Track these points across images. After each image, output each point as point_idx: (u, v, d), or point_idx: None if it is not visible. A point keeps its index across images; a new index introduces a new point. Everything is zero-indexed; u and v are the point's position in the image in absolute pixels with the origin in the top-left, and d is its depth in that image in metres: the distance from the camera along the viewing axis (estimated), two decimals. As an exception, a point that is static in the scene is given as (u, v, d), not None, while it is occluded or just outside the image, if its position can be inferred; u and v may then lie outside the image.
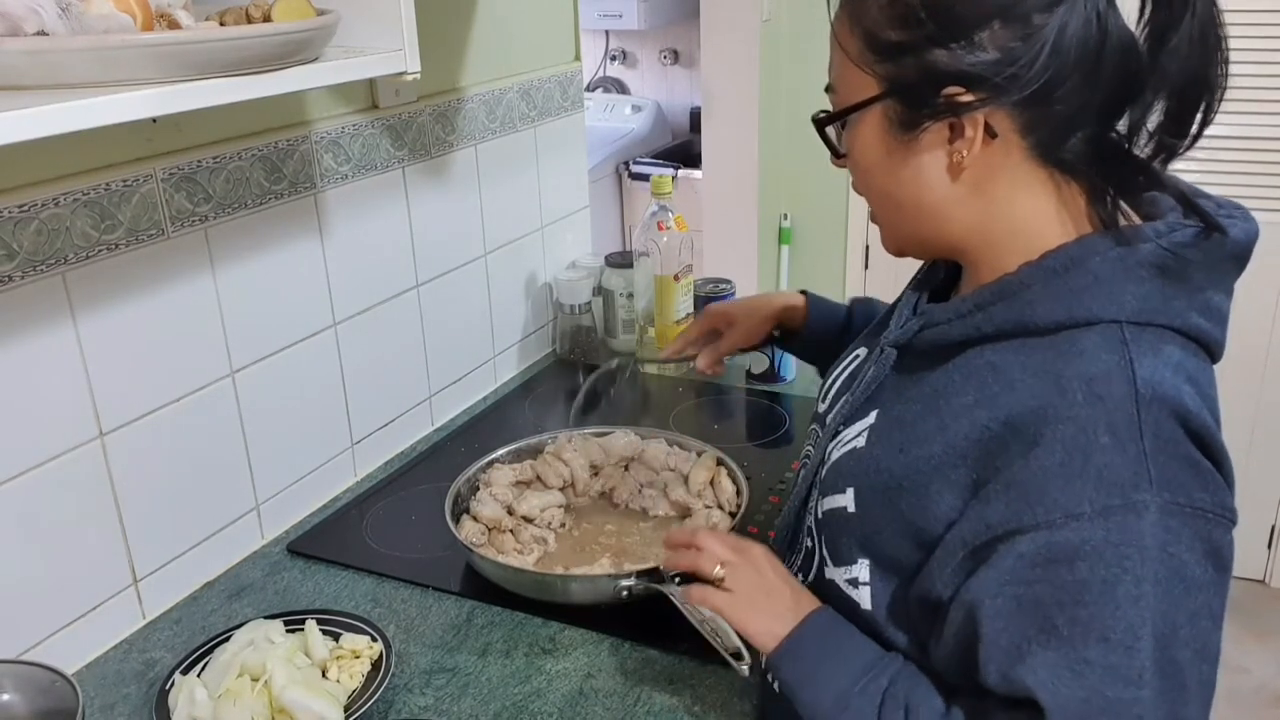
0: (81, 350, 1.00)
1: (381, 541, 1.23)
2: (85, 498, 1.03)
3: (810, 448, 0.95)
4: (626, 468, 1.29)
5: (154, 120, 0.97)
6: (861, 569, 0.80)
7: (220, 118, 1.11)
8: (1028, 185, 0.75)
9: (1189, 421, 0.68)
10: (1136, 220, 0.76)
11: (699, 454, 1.27)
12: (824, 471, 0.87)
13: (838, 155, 0.83)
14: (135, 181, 1.03)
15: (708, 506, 1.20)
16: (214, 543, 1.18)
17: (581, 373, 1.68)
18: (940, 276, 0.90)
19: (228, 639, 1.00)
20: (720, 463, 1.25)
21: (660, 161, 3.42)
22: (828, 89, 0.82)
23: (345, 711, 0.92)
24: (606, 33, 3.72)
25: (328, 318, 1.30)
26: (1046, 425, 0.68)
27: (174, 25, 0.81)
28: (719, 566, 0.88)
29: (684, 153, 3.54)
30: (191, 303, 1.11)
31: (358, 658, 0.99)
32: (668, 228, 1.56)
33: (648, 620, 1.05)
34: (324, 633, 1.01)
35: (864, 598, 0.80)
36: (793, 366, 1.61)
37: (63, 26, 0.74)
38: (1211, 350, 0.74)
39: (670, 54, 3.73)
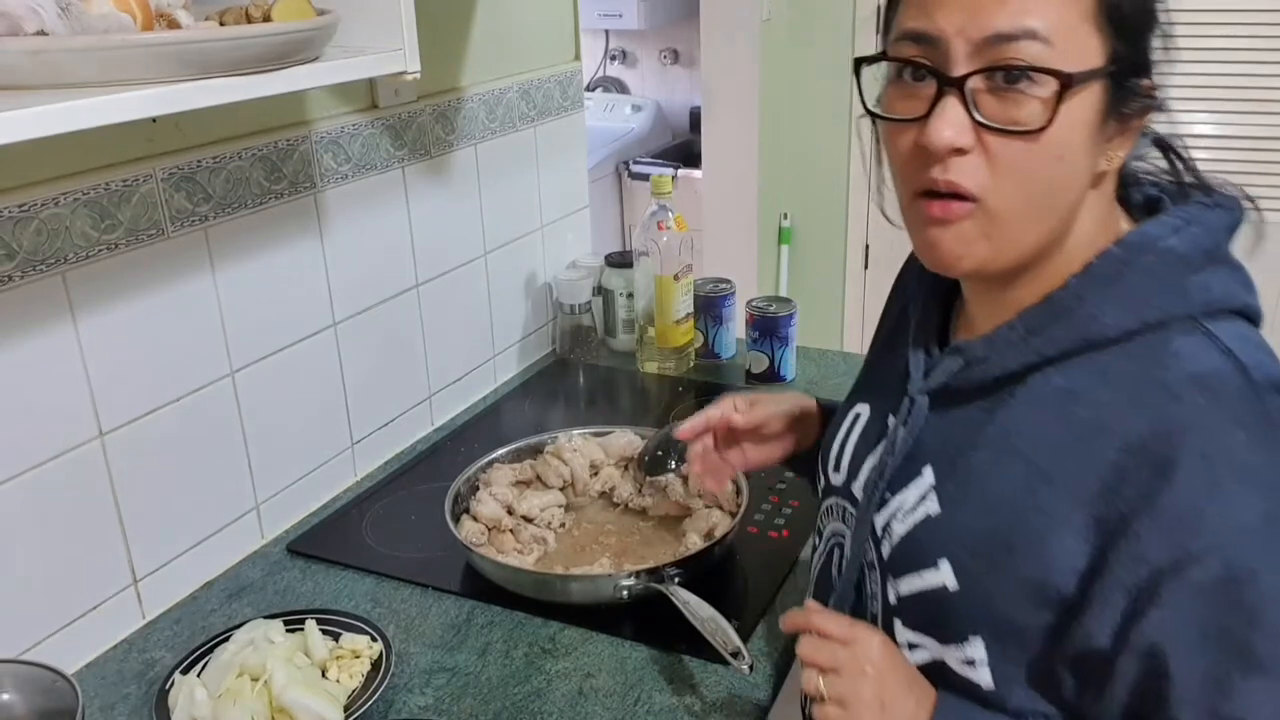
0: (81, 350, 1.00)
1: (381, 541, 1.23)
2: (85, 497, 1.03)
3: (839, 525, 0.85)
4: (626, 468, 1.29)
5: (154, 120, 0.97)
6: (976, 646, 0.71)
7: (220, 117, 1.11)
8: (1111, 189, 0.72)
9: None
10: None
11: (699, 454, 1.27)
12: (885, 549, 0.77)
13: (1045, 124, 0.64)
14: (135, 181, 1.03)
15: (708, 506, 1.20)
16: (214, 542, 1.18)
17: (581, 373, 1.68)
18: (941, 317, 0.82)
19: (227, 639, 1.00)
20: (720, 462, 1.25)
21: (660, 161, 3.43)
22: (999, 38, 0.64)
23: (345, 711, 0.92)
24: (606, 32, 3.72)
25: (327, 317, 1.29)
26: (1174, 439, 0.63)
27: (174, 25, 0.81)
28: (820, 679, 0.74)
29: (684, 152, 3.54)
30: (191, 302, 1.11)
31: (357, 657, 0.99)
32: (667, 227, 1.56)
33: (648, 620, 1.05)
34: (324, 632, 1.01)
35: (984, 677, 0.71)
36: (793, 366, 1.61)
37: (63, 26, 0.74)
38: (1256, 323, 0.72)
39: (670, 53, 3.73)
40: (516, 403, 1.59)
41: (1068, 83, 0.63)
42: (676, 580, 1.05)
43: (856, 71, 0.72)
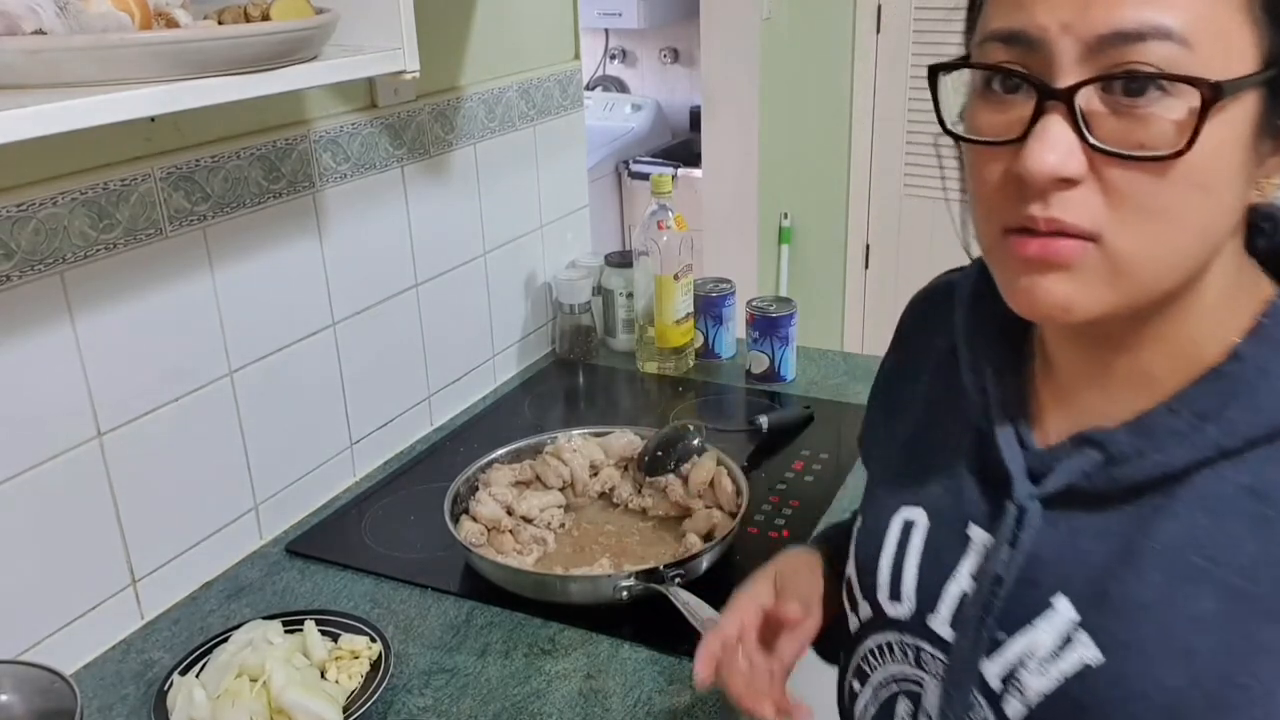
0: (80, 350, 1.00)
1: (380, 542, 1.23)
2: (83, 498, 1.02)
3: (905, 669, 0.67)
4: (626, 468, 1.28)
5: (152, 119, 0.97)
6: None
7: (218, 117, 1.11)
8: (1243, 228, 0.56)
9: None
10: None
11: (699, 454, 1.27)
12: (1015, 709, 0.59)
13: (1184, 148, 0.49)
14: (133, 181, 1.02)
15: (708, 507, 1.20)
16: (213, 543, 1.17)
17: (581, 373, 1.68)
18: (1024, 389, 0.65)
19: (226, 639, 1.00)
20: (720, 463, 1.25)
21: (660, 160, 3.43)
22: (1120, 38, 0.48)
23: (344, 712, 0.92)
24: (606, 31, 3.72)
25: (326, 317, 1.29)
26: None
27: (172, 24, 0.81)
28: None
29: (684, 152, 3.54)
30: (190, 302, 1.11)
31: (356, 658, 0.99)
32: (667, 227, 1.56)
33: (647, 620, 1.05)
34: (323, 633, 1.01)
35: None
36: (793, 366, 1.61)
37: (61, 25, 0.74)
38: None
39: (670, 53, 3.73)
40: (516, 403, 1.59)
41: (1214, 95, 0.48)
42: (676, 581, 1.05)
43: (932, 81, 0.58)
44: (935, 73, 0.57)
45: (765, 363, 1.59)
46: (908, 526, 0.68)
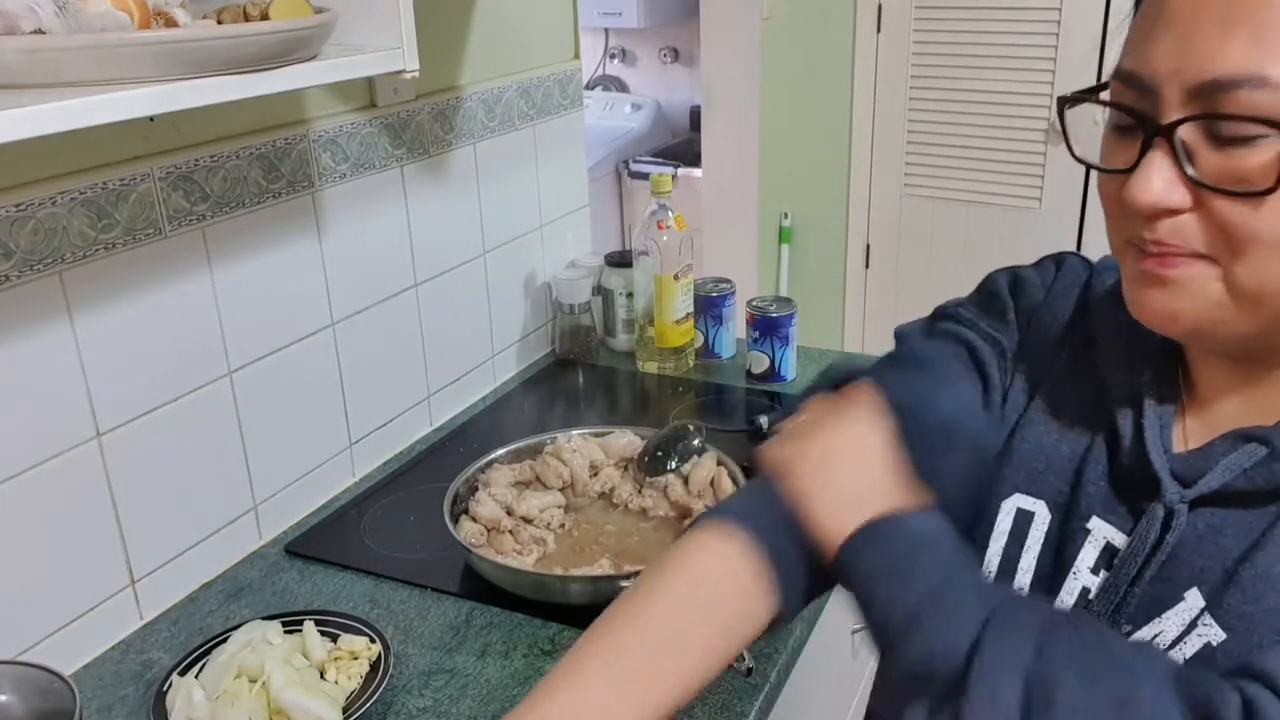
0: (79, 350, 1.00)
1: (380, 542, 1.23)
2: (82, 498, 1.02)
3: None
4: (626, 468, 1.28)
5: (151, 119, 0.97)
6: None
7: (218, 116, 1.11)
8: None
9: None
10: None
11: (700, 454, 1.27)
12: None
13: (1269, 187, 0.52)
14: (132, 180, 1.02)
15: (708, 507, 1.19)
16: (212, 543, 1.17)
17: (581, 373, 1.68)
18: (1176, 387, 0.65)
19: (225, 640, 1.00)
20: (720, 463, 1.24)
21: (660, 160, 3.42)
22: (1215, 87, 0.52)
23: (344, 713, 0.92)
24: (606, 31, 3.72)
25: (325, 317, 1.29)
26: None
27: (171, 23, 0.81)
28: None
29: (684, 151, 3.54)
30: (189, 302, 1.10)
31: (356, 659, 0.99)
32: (667, 227, 1.56)
33: None
34: (322, 634, 1.01)
35: None
36: (793, 366, 1.61)
37: (60, 25, 0.74)
38: None
39: (670, 52, 3.73)
40: (516, 403, 1.59)
41: None
42: (676, 581, 1.04)
43: (1061, 112, 0.62)
44: (1062, 105, 0.62)
45: (765, 363, 1.59)
46: (1024, 517, 0.67)
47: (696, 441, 1.25)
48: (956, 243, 3.05)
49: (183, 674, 0.97)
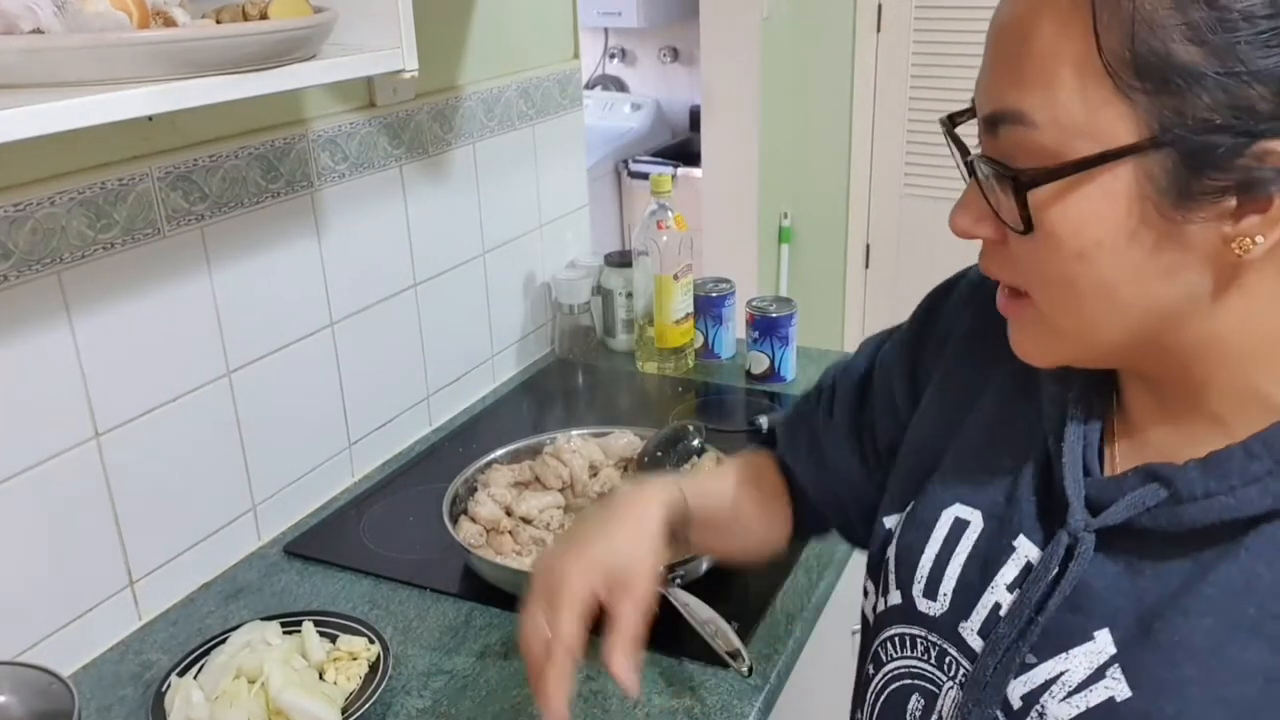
0: (77, 350, 1.00)
1: (379, 543, 1.23)
2: (81, 498, 1.02)
3: (924, 667, 0.66)
4: (625, 468, 1.28)
5: (150, 119, 0.97)
6: None
7: (216, 116, 1.10)
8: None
9: None
10: None
11: (699, 454, 1.27)
12: None
13: (1023, 229, 0.53)
14: (131, 180, 1.02)
15: (707, 507, 1.19)
16: (210, 544, 1.17)
17: (580, 373, 1.68)
18: (1105, 412, 0.63)
19: (224, 641, 0.99)
20: (720, 463, 1.24)
21: (659, 160, 3.42)
22: (995, 120, 0.53)
23: (343, 713, 0.92)
24: (605, 30, 3.72)
25: (325, 317, 1.29)
26: None
27: (170, 23, 0.80)
28: None
29: (683, 151, 3.54)
30: (187, 302, 1.10)
31: (355, 659, 0.99)
32: (667, 227, 1.56)
33: (647, 622, 1.04)
34: (321, 634, 1.01)
35: None
36: (793, 366, 1.60)
37: (59, 24, 0.74)
38: None
39: (669, 52, 3.72)
40: (515, 403, 1.59)
41: (1023, 182, 0.51)
42: (676, 582, 1.04)
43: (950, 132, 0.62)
44: (943, 124, 0.61)
45: (765, 363, 1.59)
46: (960, 525, 0.66)
47: (696, 442, 1.25)
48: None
49: (181, 675, 0.97)
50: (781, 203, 3.24)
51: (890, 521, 0.72)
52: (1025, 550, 0.62)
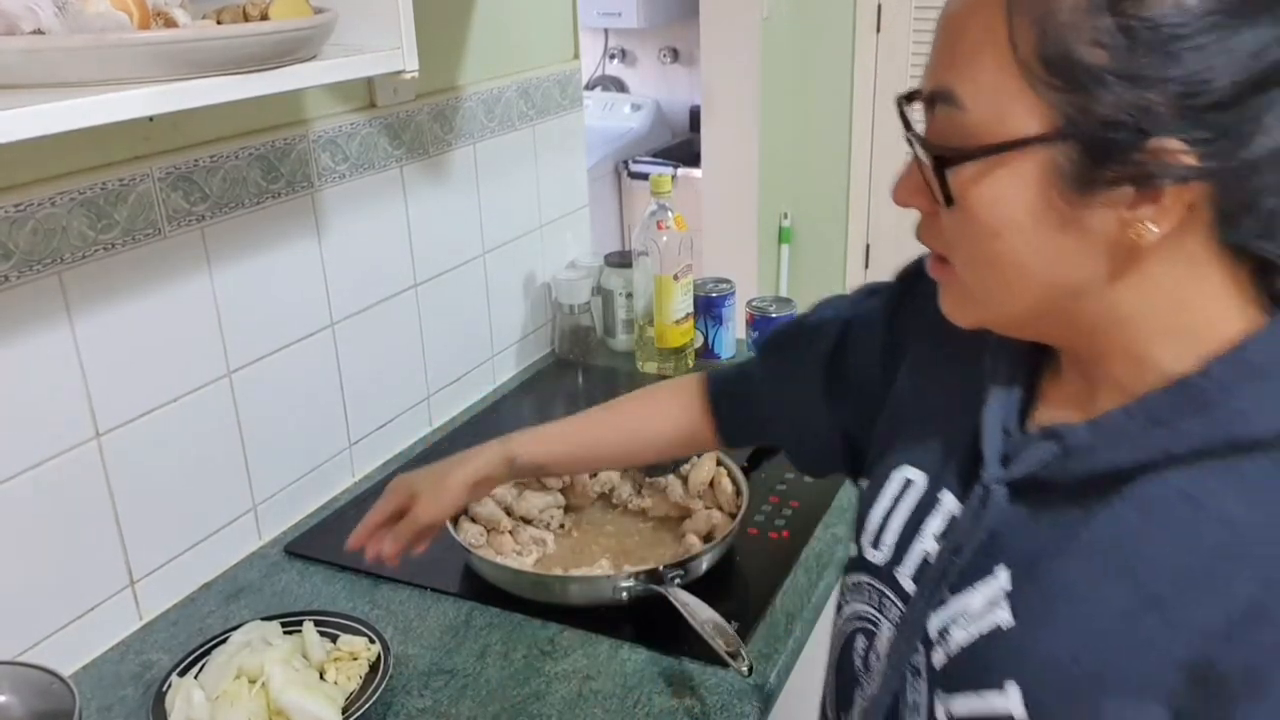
0: (78, 350, 1.00)
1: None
2: (82, 498, 1.02)
3: (868, 610, 0.74)
4: (625, 469, 1.28)
5: (151, 119, 0.97)
6: None
7: (217, 116, 1.10)
8: (1198, 264, 0.57)
9: None
10: None
11: (698, 454, 1.27)
12: (937, 657, 0.66)
13: (943, 202, 0.59)
14: (132, 181, 1.02)
15: (708, 508, 1.20)
16: (211, 544, 1.17)
17: (580, 373, 1.68)
18: (1025, 380, 0.69)
19: (224, 640, 1.00)
20: (720, 463, 1.24)
21: (659, 160, 3.42)
22: (933, 98, 0.59)
23: (343, 713, 0.92)
24: (606, 31, 3.72)
25: (325, 317, 1.29)
26: None
27: (171, 24, 0.81)
28: None
29: (683, 152, 3.54)
30: (188, 303, 1.10)
31: (355, 659, 0.99)
32: (667, 227, 1.56)
33: (647, 621, 1.05)
34: (321, 634, 1.01)
35: None
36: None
37: (59, 25, 0.74)
38: None
39: (670, 52, 3.72)
40: (515, 403, 1.59)
41: (942, 160, 0.57)
42: (676, 582, 1.04)
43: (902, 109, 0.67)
44: (899, 103, 0.66)
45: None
46: (906, 484, 0.73)
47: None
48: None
49: (182, 674, 0.97)
50: (781, 203, 3.24)
51: (864, 484, 0.80)
52: (949, 504, 0.69)
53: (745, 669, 0.94)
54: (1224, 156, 0.53)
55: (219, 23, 0.83)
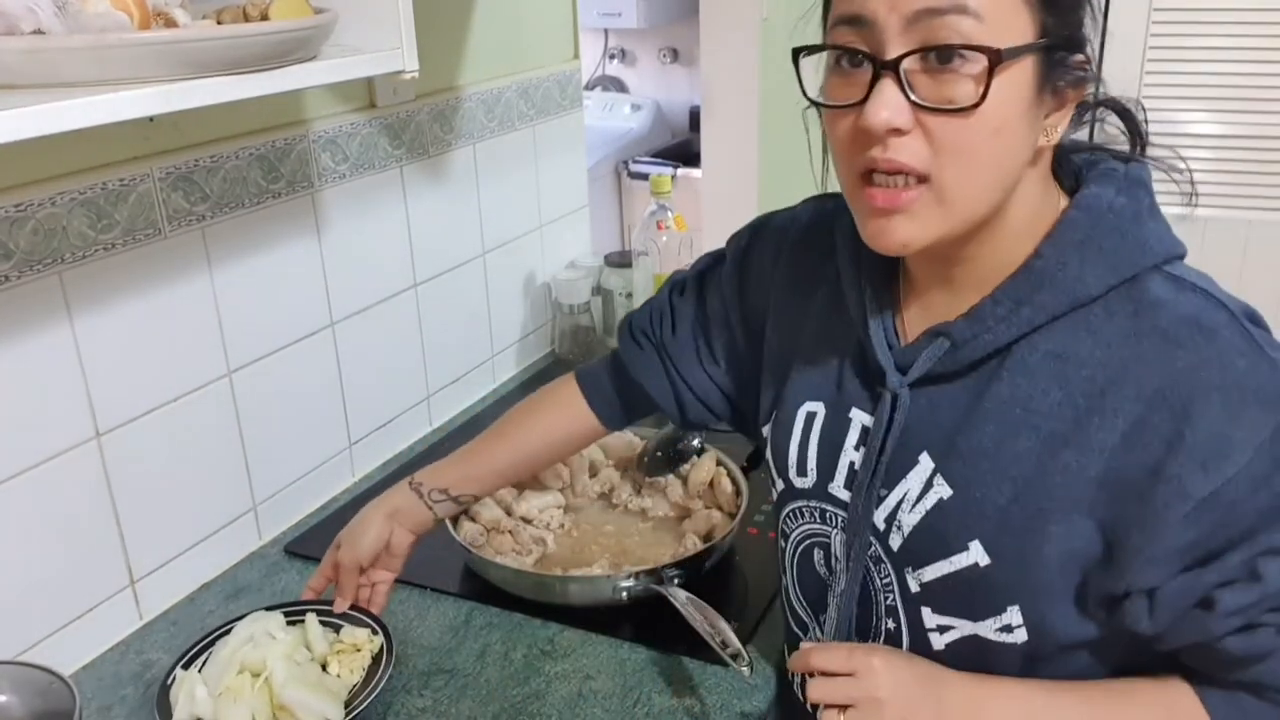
0: (78, 350, 1.00)
1: (380, 542, 1.23)
2: (82, 498, 1.02)
3: (813, 526, 0.85)
4: (625, 469, 1.28)
5: (151, 119, 0.97)
6: (1013, 614, 0.73)
7: (217, 117, 1.11)
8: (1046, 163, 0.73)
9: (1260, 320, 0.71)
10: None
11: (699, 454, 1.27)
12: (896, 541, 0.77)
13: (977, 102, 0.65)
14: (132, 181, 1.02)
15: (708, 508, 1.20)
16: (211, 544, 1.17)
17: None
18: (891, 300, 0.81)
19: (228, 632, 0.99)
20: (719, 463, 1.24)
21: (659, 160, 3.42)
22: (936, 11, 0.64)
23: (346, 707, 0.92)
24: (605, 31, 3.72)
25: (325, 317, 1.29)
26: (1187, 380, 0.66)
27: (171, 24, 0.81)
28: (841, 717, 0.74)
29: (683, 152, 3.53)
30: (188, 302, 1.11)
31: (358, 651, 0.99)
32: (667, 227, 1.56)
33: (647, 622, 1.05)
34: (324, 625, 1.01)
35: (1019, 637, 0.73)
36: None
37: (60, 25, 0.74)
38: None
39: (669, 52, 3.72)
40: (515, 403, 1.58)
41: (997, 59, 0.64)
42: (676, 581, 1.04)
43: (795, 61, 0.72)
44: (797, 54, 0.73)
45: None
46: (810, 417, 0.84)
47: (695, 442, 1.25)
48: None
49: (185, 668, 0.97)
50: (781, 203, 3.24)
51: (766, 430, 0.90)
52: (859, 418, 0.80)
53: (745, 669, 0.94)
54: (1089, 62, 0.68)
55: (219, 23, 0.83)
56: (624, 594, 1.05)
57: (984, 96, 0.64)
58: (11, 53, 0.71)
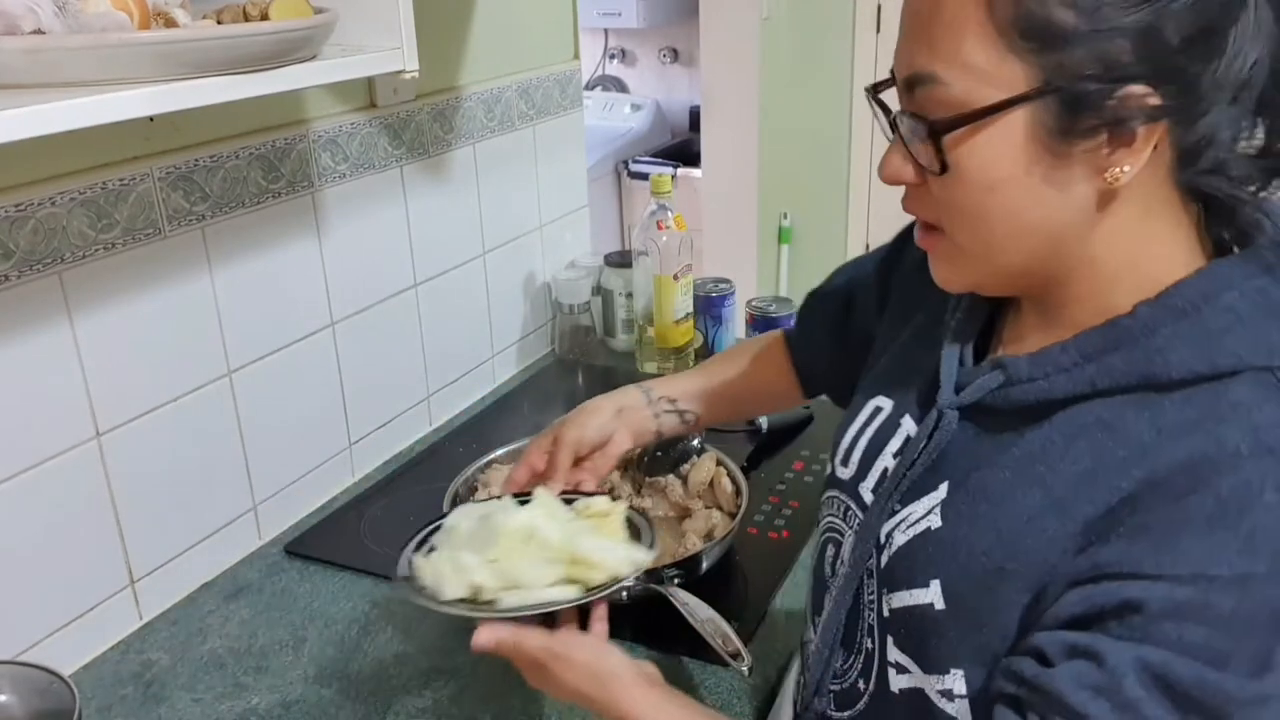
0: (78, 350, 1.00)
1: (379, 542, 1.23)
2: (82, 498, 1.02)
3: (836, 521, 0.82)
4: (625, 468, 1.28)
5: (151, 119, 0.97)
6: (957, 680, 0.67)
7: (217, 116, 1.10)
8: (1157, 207, 0.63)
9: None
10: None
11: (699, 454, 1.27)
12: (884, 559, 0.73)
13: (939, 170, 0.63)
14: (132, 180, 1.02)
15: (708, 507, 1.20)
16: (211, 543, 1.17)
17: (580, 373, 1.68)
18: (983, 322, 0.76)
19: (438, 527, 0.88)
20: (720, 463, 1.24)
21: (659, 160, 3.42)
22: (912, 82, 0.63)
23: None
24: (605, 31, 3.72)
25: (325, 317, 1.29)
26: (1202, 476, 0.57)
27: (171, 24, 0.81)
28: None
29: (683, 152, 3.54)
30: (188, 302, 1.11)
31: (606, 517, 0.90)
32: (667, 227, 1.56)
33: (647, 622, 1.05)
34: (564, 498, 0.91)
35: (962, 711, 0.67)
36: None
37: (60, 25, 0.74)
38: None
39: (669, 52, 3.73)
40: (515, 403, 1.59)
41: (937, 129, 0.62)
42: (676, 581, 1.04)
43: (874, 99, 0.73)
44: (869, 93, 0.73)
45: (765, 363, 1.59)
46: (875, 411, 0.82)
47: (696, 442, 1.25)
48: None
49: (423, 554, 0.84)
50: (781, 203, 3.24)
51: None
52: (908, 426, 0.77)
53: (746, 669, 0.93)
54: (1183, 94, 0.58)
55: (219, 23, 0.83)
56: (624, 594, 1.05)
57: (942, 164, 0.63)
58: (12, 53, 0.71)
